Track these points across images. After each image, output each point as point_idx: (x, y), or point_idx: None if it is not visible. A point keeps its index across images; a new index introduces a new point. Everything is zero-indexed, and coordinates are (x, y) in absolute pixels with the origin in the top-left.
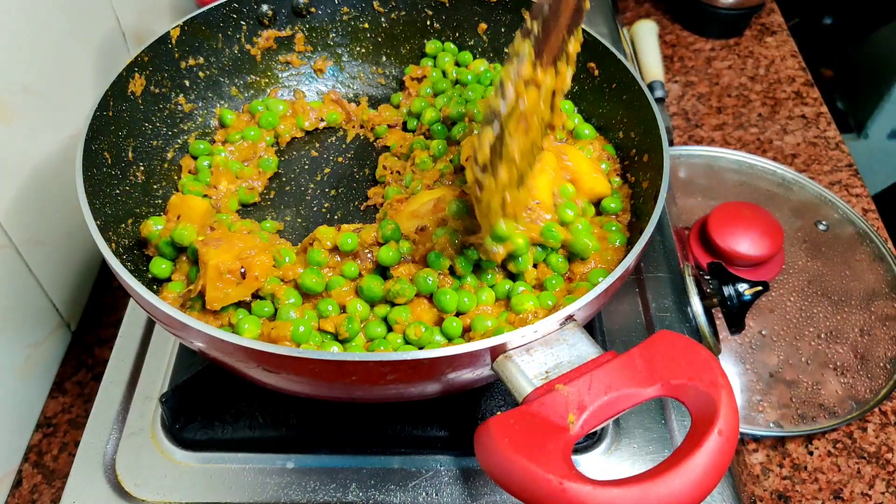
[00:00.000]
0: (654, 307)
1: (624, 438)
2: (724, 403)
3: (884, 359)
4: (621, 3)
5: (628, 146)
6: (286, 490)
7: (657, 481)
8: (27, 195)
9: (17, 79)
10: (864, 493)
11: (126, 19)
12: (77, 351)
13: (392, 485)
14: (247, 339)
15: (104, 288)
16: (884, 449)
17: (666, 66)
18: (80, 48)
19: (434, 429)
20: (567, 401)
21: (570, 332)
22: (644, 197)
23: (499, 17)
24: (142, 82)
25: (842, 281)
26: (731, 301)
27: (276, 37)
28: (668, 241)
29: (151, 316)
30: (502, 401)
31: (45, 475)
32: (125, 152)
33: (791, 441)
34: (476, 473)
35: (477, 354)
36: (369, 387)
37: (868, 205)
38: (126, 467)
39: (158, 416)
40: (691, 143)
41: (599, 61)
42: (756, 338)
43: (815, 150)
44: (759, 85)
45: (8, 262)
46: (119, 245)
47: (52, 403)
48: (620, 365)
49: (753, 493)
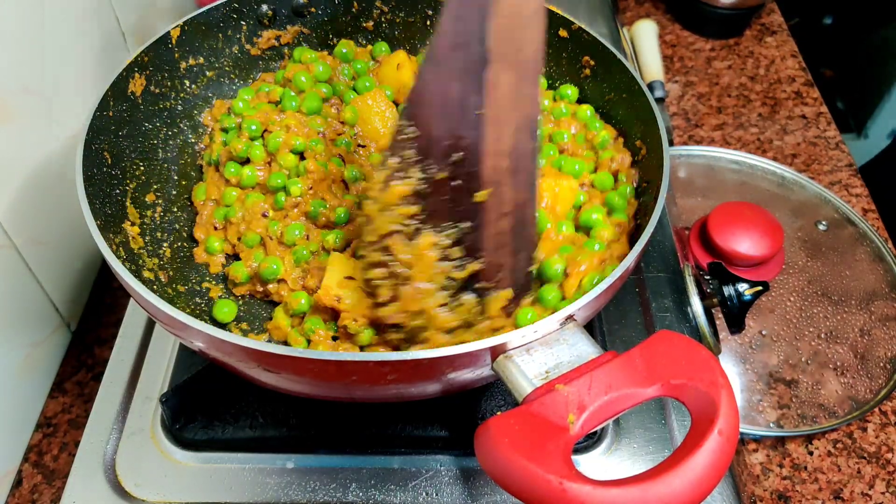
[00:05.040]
0: (654, 307)
1: (624, 438)
2: (724, 403)
3: (884, 359)
4: (621, 3)
5: (628, 146)
6: (286, 490)
7: (657, 481)
8: (27, 195)
9: (17, 79)
10: (864, 493)
11: (126, 19)
12: (77, 351)
13: (392, 485)
14: (247, 339)
15: (104, 288)
16: (884, 449)
17: (666, 66)
18: (80, 48)
19: (434, 429)
20: (567, 401)
21: (570, 331)
22: (644, 197)
23: None
24: (142, 82)
25: (842, 281)
26: (731, 301)
27: (276, 36)
28: (668, 241)
29: (151, 316)
30: (502, 401)
31: (45, 475)
32: (125, 152)
33: (791, 441)
34: (476, 473)
35: (477, 354)
36: (369, 387)
37: (868, 205)
38: (126, 467)
39: (158, 416)
40: (691, 143)
41: (599, 61)
42: (756, 338)
43: (815, 150)
44: (759, 85)
45: (8, 262)
46: (119, 245)
47: (52, 403)
48: (620, 365)
49: (753, 493)
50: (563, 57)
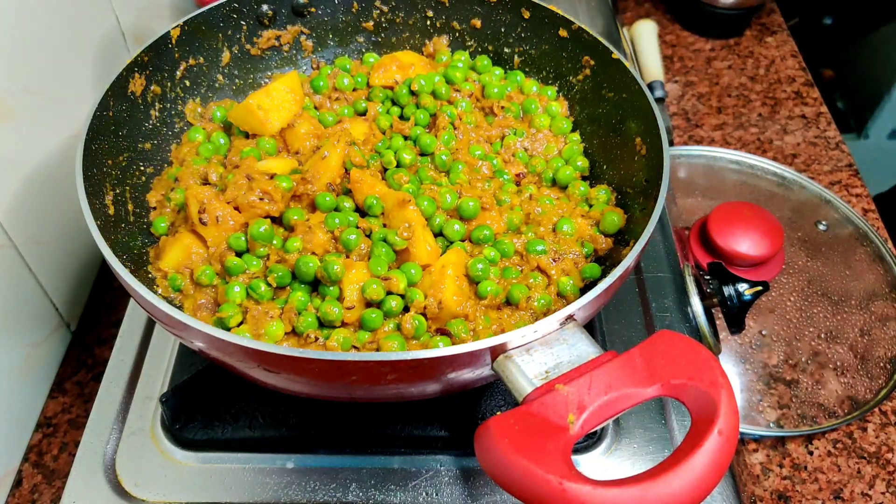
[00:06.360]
0: (654, 307)
1: (624, 438)
2: (724, 403)
3: (884, 359)
4: (621, 3)
5: (628, 146)
6: (286, 490)
7: (657, 481)
8: (27, 195)
9: (17, 79)
10: (864, 493)
11: (126, 19)
12: (77, 351)
13: (392, 485)
14: (247, 339)
15: (104, 288)
16: (884, 449)
17: (666, 66)
18: (80, 48)
19: (434, 429)
20: (567, 401)
21: (570, 331)
22: (644, 197)
23: (498, 16)
24: (142, 82)
25: (842, 281)
26: (731, 301)
27: (276, 36)
28: (668, 241)
29: (151, 316)
30: (502, 401)
31: (45, 475)
32: (125, 152)
33: (791, 441)
34: (476, 473)
35: (477, 354)
36: (369, 387)
37: (868, 205)
38: (126, 467)
39: (158, 416)
40: (691, 143)
41: (599, 61)
42: (756, 338)
43: (815, 150)
44: (759, 85)
45: (8, 262)
46: (119, 245)
47: (52, 403)
48: (620, 365)
49: (753, 493)
50: (563, 57)
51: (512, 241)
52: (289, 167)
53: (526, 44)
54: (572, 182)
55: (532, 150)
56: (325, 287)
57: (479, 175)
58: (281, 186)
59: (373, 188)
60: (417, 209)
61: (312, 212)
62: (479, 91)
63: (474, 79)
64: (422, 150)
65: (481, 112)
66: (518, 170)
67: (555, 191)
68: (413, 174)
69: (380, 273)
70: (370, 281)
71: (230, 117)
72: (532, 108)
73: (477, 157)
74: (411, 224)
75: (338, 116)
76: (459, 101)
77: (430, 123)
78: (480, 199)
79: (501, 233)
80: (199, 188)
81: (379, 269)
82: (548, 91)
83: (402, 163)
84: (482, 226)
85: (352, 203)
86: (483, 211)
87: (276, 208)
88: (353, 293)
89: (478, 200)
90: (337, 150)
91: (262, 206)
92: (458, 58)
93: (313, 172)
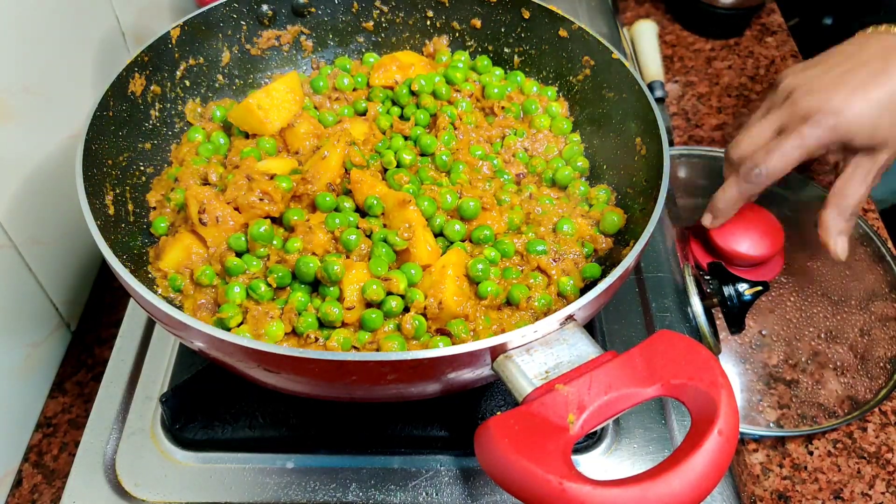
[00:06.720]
0: (654, 307)
1: (624, 438)
2: (724, 403)
3: (884, 359)
4: (621, 3)
5: (628, 146)
6: (286, 490)
7: (657, 481)
8: (27, 195)
9: (17, 79)
10: (864, 493)
11: (126, 19)
12: (77, 351)
13: (392, 485)
14: (247, 339)
15: (104, 288)
16: (884, 449)
17: (666, 66)
18: (80, 48)
19: (434, 429)
20: (567, 401)
21: (570, 331)
22: (644, 197)
23: (498, 16)
24: (142, 82)
25: (842, 281)
26: (731, 301)
27: (276, 36)
28: (669, 241)
29: (151, 316)
30: (502, 401)
31: (45, 475)
32: (125, 152)
33: (791, 441)
34: (476, 473)
35: (477, 354)
36: (369, 387)
37: (868, 205)
38: (126, 467)
39: (158, 416)
40: (691, 143)
41: (599, 61)
42: (756, 338)
43: None
44: (759, 85)
45: (8, 262)
46: (119, 245)
47: (52, 403)
48: (620, 365)
49: (753, 493)
50: (563, 57)
51: (512, 242)
52: (289, 167)
53: (526, 44)
54: (572, 182)
55: (532, 150)
56: (326, 287)
57: (479, 175)
58: (281, 187)
59: (373, 188)
60: (418, 209)
61: (312, 212)
62: (479, 91)
63: (474, 79)
64: (422, 150)
65: (481, 112)
66: (518, 170)
67: (555, 191)
68: (413, 174)
69: (380, 273)
70: (370, 281)
71: (230, 117)
72: (532, 108)
73: (477, 158)
74: (411, 224)
75: (338, 116)
76: (460, 101)
77: (431, 123)
78: (481, 200)
79: (502, 233)
80: (199, 188)
81: (379, 270)
82: (548, 91)
83: (402, 163)
84: (482, 226)
85: (352, 203)
86: (483, 211)
87: (276, 208)
88: (353, 293)
89: (478, 201)
90: (337, 151)
91: (262, 207)
92: (459, 58)
93: (313, 172)
